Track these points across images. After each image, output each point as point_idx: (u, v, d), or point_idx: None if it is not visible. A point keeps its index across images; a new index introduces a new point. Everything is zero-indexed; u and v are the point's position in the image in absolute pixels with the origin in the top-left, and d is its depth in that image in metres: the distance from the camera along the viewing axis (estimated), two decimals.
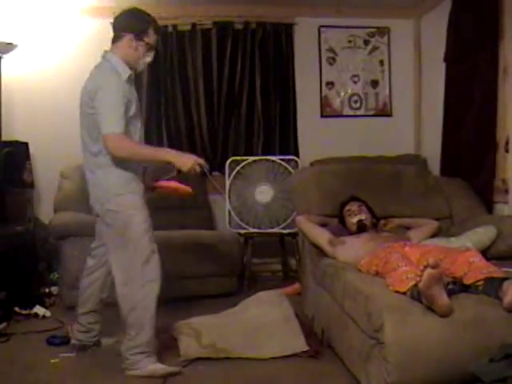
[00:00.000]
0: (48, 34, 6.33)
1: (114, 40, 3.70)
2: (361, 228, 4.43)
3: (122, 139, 3.48)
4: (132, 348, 3.61)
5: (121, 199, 3.62)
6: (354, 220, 4.49)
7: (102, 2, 6.15)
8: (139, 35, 3.65)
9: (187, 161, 3.59)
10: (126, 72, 3.63)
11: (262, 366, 3.81)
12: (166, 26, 6.31)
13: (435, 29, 6.28)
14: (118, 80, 3.56)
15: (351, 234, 4.46)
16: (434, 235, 4.57)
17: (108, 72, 3.59)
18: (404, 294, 3.15)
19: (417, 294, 3.05)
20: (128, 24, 3.67)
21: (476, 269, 3.28)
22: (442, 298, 2.94)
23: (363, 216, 4.50)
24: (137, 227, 3.59)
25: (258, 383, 3.58)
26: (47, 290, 5.44)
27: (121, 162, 3.59)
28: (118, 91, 3.51)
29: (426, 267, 2.94)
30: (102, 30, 6.27)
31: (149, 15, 3.74)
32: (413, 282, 3.12)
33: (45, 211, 6.09)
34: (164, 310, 3.78)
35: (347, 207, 4.61)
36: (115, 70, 3.60)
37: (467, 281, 3.24)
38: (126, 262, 3.60)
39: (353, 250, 4.14)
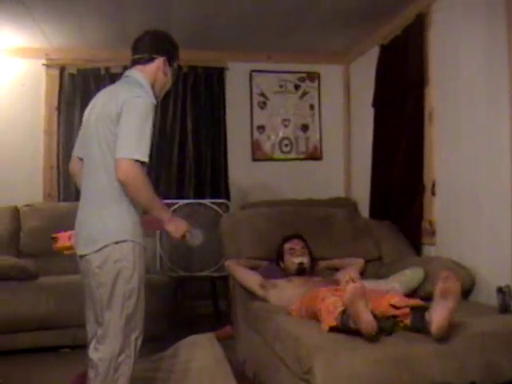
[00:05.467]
0: None
1: (141, 62, 3.30)
2: (300, 271, 4.44)
3: (141, 171, 2.95)
4: None
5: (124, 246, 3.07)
6: (296, 261, 4.49)
7: (31, 44, 6.12)
8: (171, 60, 3.36)
9: (181, 227, 3.22)
10: (153, 99, 3.17)
11: None
12: (98, 69, 6.31)
13: (364, 74, 6.43)
14: (151, 104, 3.08)
15: (284, 273, 4.47)
16: (361, 271, 4.65)
17: (140, 90, 3.13)
18: (336, 327, 3.17)
19: (344, 317, 3.08)
20: (162, 46, 3.35)
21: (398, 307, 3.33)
22: (367, 315, 2.96)
23: (305, 259, 4.51)
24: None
25: None
26: None
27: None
28: (150, 116, 3.04)
29: (347, 282, 2.96)
30: (32, 70, 6.29)
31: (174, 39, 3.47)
32: (340, 309, 3.14)
33: None
34: None
35: (290, 244, 4.61)
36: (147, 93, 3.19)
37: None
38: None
39: (284, 293, 4.14)
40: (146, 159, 2.96)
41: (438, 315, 3.07)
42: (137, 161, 2.93)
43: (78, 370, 3.97)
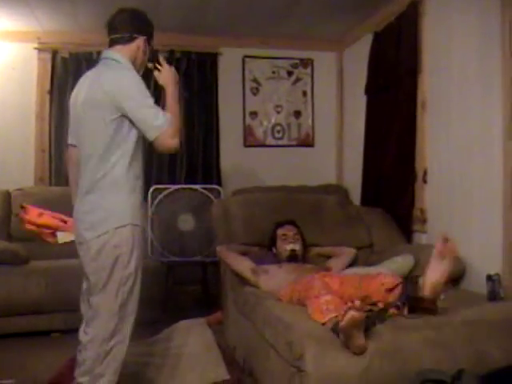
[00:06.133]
0: None
1: (120, 41, 3.26)
2: (291, 258, 4.44)
3: (170, 131, 3.08)
4: None
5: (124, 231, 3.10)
6: (288, 247, 4.49)
7: (23, 27, 6.10)
8: (149, 39, 3.36)
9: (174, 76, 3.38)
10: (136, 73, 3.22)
11: None
12: (90, 53, 6.29)
13: (357, 62, 6.43)
14: (136, 75, 3.16)
15: (276, 258, 4.47)
16: (352, 262, 4.65)
17: (127, 71, 3.17)
18: (323, 325, 3.17)
19: (336, 328, 3.06)
20: (141, 25, 3.32)
21: (389, 284, 3.34)
22: (360, 340, 2.92)
23: (297, 246, 4.52)
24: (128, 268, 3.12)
25: None
26: None
27: (134, 182, 3.18)
28: (142, 85, 3.11)
29: (350, 308, 2.95)
30: (23, 54, 6.26)
31: None
32: (333, 315, 3.13)
33: None
34: None
35: (283, 230, 4.63)
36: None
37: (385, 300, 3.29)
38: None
39: (275, 279, 4.14)
40: (166, 121, 3.07)
41: (434, 273, 3.11)
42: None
43: (70, 354, 3.99)
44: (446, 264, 3.13)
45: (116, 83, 3.07)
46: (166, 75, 3.36)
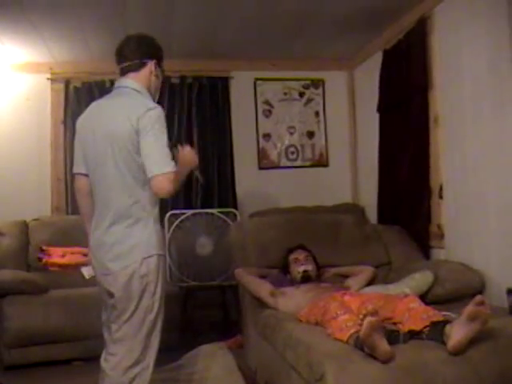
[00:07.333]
0: None
1: (132, 69, 3.26)
2: (305, 278, 4.46)
3: (172, 179, 3.02)
4: None
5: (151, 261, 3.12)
6: (300, 269, 4.51)
7: (36, 58, 6.16)
8: (160, 61, 3.36)
9: (192, 159, 3.41)
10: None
11: None
12: (103, 81, 6.33)
13: (368, 80, 6.43)
14: (162, 111, 3.14)
15: (292, 283, 4.48)
16: (371, 280, 4.63)
17: (148, 102, 3.16)
18: (346, 342, 3.16)
19: (358, 343, 3.06)
20: (149, 50, 3.32)
21: (416, 314, 3.30)
22: (383, 345, 2.94)
23: (309, 267, 4.54)
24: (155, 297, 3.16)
25: None
26: None
27: (157, 212, 3.21)
28: (164, 124, 3.11)
29: (365, 316, 2.96)
30: (37, 85, 6.32)
31: None
32: (353, 330, 3.13)
33: None
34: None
35: (294, 255, 4.65)
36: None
37: (408, 326, 3.26)
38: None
39: (293, 300, 4.15)
40: (174, 168, 3.03)
41: (459, 334, 3.02)
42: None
43: (92, 382, 3.98)
44: (474, 326, 3.04)
45: (142, 112, 3.05)
46: (189, 159, 3.39)
